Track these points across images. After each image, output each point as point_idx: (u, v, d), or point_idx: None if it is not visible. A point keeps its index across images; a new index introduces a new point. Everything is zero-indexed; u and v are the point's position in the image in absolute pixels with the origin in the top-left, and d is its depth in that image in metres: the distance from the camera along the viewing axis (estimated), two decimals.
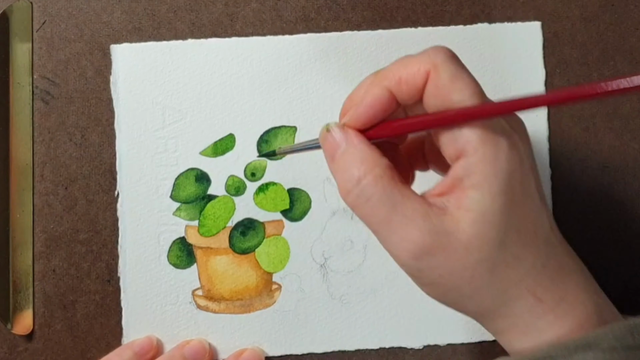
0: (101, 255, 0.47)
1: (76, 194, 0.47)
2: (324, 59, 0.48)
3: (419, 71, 0.34)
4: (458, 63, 0.35)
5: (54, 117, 0.47)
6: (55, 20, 0.48)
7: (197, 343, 0.46)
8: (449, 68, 0.34)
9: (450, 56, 0.35)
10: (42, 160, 0.47)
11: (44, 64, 0.47)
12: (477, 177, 0.33)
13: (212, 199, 0.47)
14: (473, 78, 0.34)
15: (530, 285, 0.35)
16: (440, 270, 0.34)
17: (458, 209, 0.34)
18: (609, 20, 0.49)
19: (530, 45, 0.48)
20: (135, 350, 0.45)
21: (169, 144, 0.47)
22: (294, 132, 0.47)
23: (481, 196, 0.33)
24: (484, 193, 0.33)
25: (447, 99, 0.34)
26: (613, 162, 0.49)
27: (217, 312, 0.47)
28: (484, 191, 0.33)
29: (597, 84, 0.30)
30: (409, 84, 0.35)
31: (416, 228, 0.34)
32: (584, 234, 0.48)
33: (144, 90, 0.47)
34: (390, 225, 0.34)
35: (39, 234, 0.47)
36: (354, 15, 0.48)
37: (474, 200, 0.33)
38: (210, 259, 0.47)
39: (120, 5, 0.48)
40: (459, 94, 0.33)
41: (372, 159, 0.35)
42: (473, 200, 0.33)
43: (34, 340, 0.46)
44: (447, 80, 0.34)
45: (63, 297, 0.47)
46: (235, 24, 0.48)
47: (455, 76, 0.34)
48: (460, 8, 0.49)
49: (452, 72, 0.34)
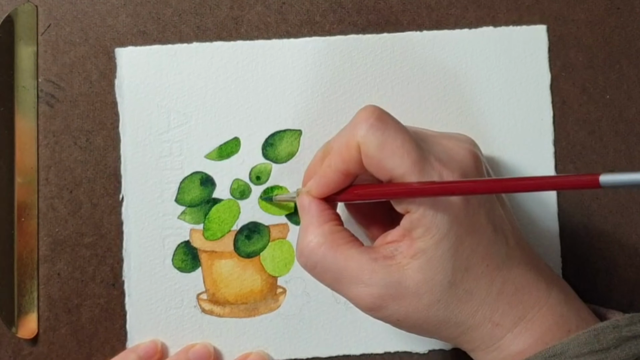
0: (106, 259, 0.47)
1: (81, 198, 0.47)
2: (329, 63, 0.48)
3: (352, 148, 0.37)
4: (383, 126, 0.36)
5: (59, 120, 0.47)
6: (60, 23, 0.48)
7: (201, 347, 0.46)
8: (373, 138, 0.36)
9: (372, 124, 0.36)
10: (46, 164, 0.47)
11: (49, 67, 0.47)
12: (420, 230, 0.36)
13: (217, 202, 0.47)
14: (400, 136, 0.36)
15: (487, 313, 0.37)
16: (397, 316, 0.37)
17: (406, 257, 0.37)
18: (614, 23, 0.49)
19: (535, 49, 0.48)
20: (140, 355, 0.45)
21: (174, 147, 0.47)
22: (298, 136, 0.47)
23: (425, 245, 0.36)
24: (428, 242, 0.36)
25: (381, 167, 0.36)
26: (619, 166, 0.48)
27: (222, 316, 0.47)
28: (427, 240, 0.36)
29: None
30: (350, 162, 0.37)
31: (364, 286, 0.37)
32: (590, 239, 0.48)
33: (149, 94, 0.47)
34: (341, 286, 0.38)
35: (43, 238, 0.47)
36: (358, 19, 0.48)
37: (419, 249, 0.36)
38: (215, 262, 0.47)
39: (125, 9, 0.48)
40: (389, 162, 0.36)
41: (315, 226, 0.39)
42: (419, 248, 0.36)
43: (38, 344, 0.46)
44: (374, 151, 0.36)
45: (68, 300, 0.47)
46: (240, 28, 0.48)
47: (380, 145, 0.36)
48: (465, 11, 0.48)
49: (377, 142, 0.36)
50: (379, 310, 0.37)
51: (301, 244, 0.39)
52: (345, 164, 0.38)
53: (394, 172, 0.36)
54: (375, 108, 0.37)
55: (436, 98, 0.48)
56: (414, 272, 0.36)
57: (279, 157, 0.47)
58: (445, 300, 0.37)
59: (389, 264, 0.37)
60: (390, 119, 0.37)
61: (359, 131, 0.37)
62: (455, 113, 0.48)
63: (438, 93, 0.48)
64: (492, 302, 0.37)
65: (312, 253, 0.38)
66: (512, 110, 0.48)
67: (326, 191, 0.39)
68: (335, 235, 0.38)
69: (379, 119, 0.37)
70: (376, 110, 0.37)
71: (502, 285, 0.38)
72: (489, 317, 0.37)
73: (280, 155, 0.47)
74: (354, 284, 0.37)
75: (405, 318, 0.37)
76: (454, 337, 0.38)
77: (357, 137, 0.37)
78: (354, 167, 0.38)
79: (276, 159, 0.47)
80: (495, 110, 0.48)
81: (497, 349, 0.38)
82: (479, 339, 0.38)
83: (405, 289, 0.36)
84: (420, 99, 0.48)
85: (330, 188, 0.39)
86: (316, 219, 0.39)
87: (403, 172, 0.36)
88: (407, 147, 0.36)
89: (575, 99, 0.48)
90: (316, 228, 0.38)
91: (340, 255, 0.38)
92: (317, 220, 0.39)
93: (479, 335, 0.38)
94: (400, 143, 0.36)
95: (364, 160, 0.37)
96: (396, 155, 0.36)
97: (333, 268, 0.38)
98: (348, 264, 0.37)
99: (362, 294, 0.37)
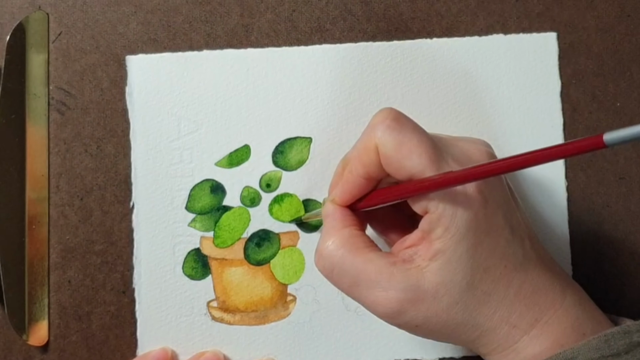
0: (116, 267, 0.47)
1: (91, 205, 0.47)
2: (339, 70, 0.48)
3: (371, 150, 0.37)
4: (399, 127, 0.37)
5: (70, 128, 0.47)
6: (71, 31, 0.48)
7: (212, 355, 0.46)
8: (390, 139, 0.36)
9: (388, 125, 0.37)
10: (57, 171, 0.47)
11: (60, 75, 0.48)
12: (439, 230, 0.36)
13: (227, 210, 0.47)
14: (417, 135, 0.37)
15: (504, 315, 0.37)
16: (415, 322, 0.37)
17: (425, 259, 0.37)
18: (624, 30, 0.49)
19: (546, 56, 0.48)
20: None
21: (184, 155, 0.47)
22: (309, 143, 0.47)
23: (444, 245, 0.36)
24: (447, 243, 0.36)
25: (400, 168, 0.36)
26: (629, 174, 0.48)
27: (232, 324, 0.47)
28: (446, 241, 0.36)
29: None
30: (370, 165, 0.38)
31: (382, 290, 0.37)
32: (600, 245, 0.48)
33: (160, 101, 0.47)
34: (358, 291, 0.38)
35: (54, 245, 0.47)
36: (368, 26, 0.48)
37: (438, 250, 0.36)
38: (225, 270, 0.47)
39: (135, 17, 0.48)
40: (407, 161, 0.36)
41: (336, 229, 0.39)
42: (437, 250, 0.36)
43: (49, 352, 0.46)
44: (392, 151, 0.36)
45: (78, 308, 0.47)
46: (250, 35, 0.48)
47: (398, 145, 0.36)
48: (475, 19, 0.48)
49: (394, 142, 0.36)
50: (398, 316, 0.37)
51: (320, 247, 0.39)
52: (365, 168, 0.38)
53: (413, 171, 0.36)
54: (391, 110, 0.38)
55: (446, 105, 0.48)
56: (433, 275, 0.36)
57: (289, 165, 0.47)
58: (463, 302, 0.37)
59: (408, 268, 0.37)
60: (407, 119, 0.37)
61: (376, 133, 0.37)
62: (465, 120, 0.47)
63: (448, 100, 0.48)
64: (510, 304, 0.37)
65: (331, 255, 0.38)
66: (523, 117, 0.48)
67: (349, 198, 0.39)
68: (355, 239, 0.38)
69: (395, 119, 0.37)
70: (392, 112, 0.37)
71: (519, 287, 0.38)
72: (506, 319, 0.37)
73: (290, 163, 0.47)
74: (371, 289, 0.37)
75: (423, 322, 0.37)
76: (471, 341, 0.38)
77: (374, 139, 0.37)
78: (374, 171, 0.38)
79: (286, 167, 0.47)
80: (506, 117, 0.48)
81: (513, 351, 0.38)
82: (496, 342, 0.38)
83: (423, 293, 0.36)
84: (430, 107, 0.48)
85: (353, 194, 0.39)
86: (337, 223, 0.39)
87: (421, 169, 0.36)
88: (424, 146, 0.36)
89: (585, 107, 0.48)
90: (337, 231, 0.39)
91: (358, 259, 0.37)
92: (339, 224, 0.39)
93: (495, 337, 0.38)
94: (417, 142, 0.36)
95: (382, 161, 0.37)
96: (414, 154, 0.36)
97: (351, 271, 0.37)
98: (366, 267, 0.37)
99: (380, 298, 0.37)
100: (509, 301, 0.37)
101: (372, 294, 0.37)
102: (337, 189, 0.40)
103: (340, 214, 0.39)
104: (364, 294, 0.37)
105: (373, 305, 0.37)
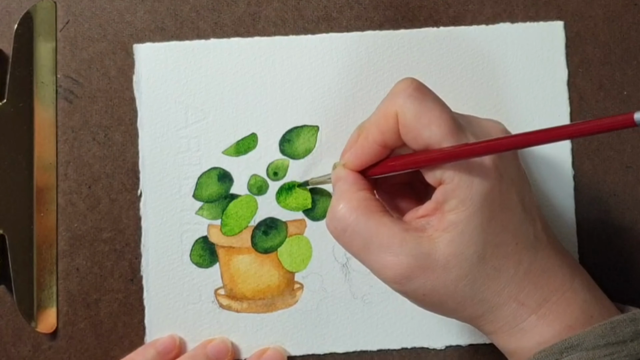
0: (124, 254, 0.47)
1: (99, 193, 0.47)
2: (346, 59, 0.48)
3: (390, 117, 0.37)
4: (421, 96, 0.37)
5: (78, 116, 0.47)
6: (79, 19, 0.48)
7: (219, 342, 0.46)
8: (411, 107, 0.36)
9: (410, 94, 0.37)
10: (65, 160, 0.47)
11: (68, 64, 0.48)
12: (454, 202, 0.36)
13: (234, 198, 0.47)
14: (438, 106, 0.36)
15: (513, 292, 0.37)
16: (422, 290, 0.37)
17: (437, 230, 0.36)
18: (632, 19, 0.49)
19: (552, 45, 0.48)
20: (159, 350, 0.45)
21: (192, 143, 0.47)
22: (316, 132, 0.47)
23: (458, 218, 0.36)
24: (460, 215, 0.36)
25: (417, 136, 0.36)
26: (636, 163, 0.48)
27: (240, 312, 0.47)
28: (460, 213, 0.36)
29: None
30: (387, 132, 0.37)
31: (393, 255, 0.36)
32: (607, 234, 0.48)
33: (167, 90, 0.47)
34: (368, 254, 0.37)
35: (62, 233, 0.47)
36: (375, 15, 0.48)
37: (451, 222, 0.36)
38: (233, 258, 0.47)
39: (143, 5, 0.48)
40: (426, 131, 0.36)
41: (351, 192, 0.38)
42: (451, 221, 0.36)
43: (58, 339, 0.47)
44: (412, 119, 0.36)
45: (87, 295, 0.47)
46: (257, 24, 0.48)
47: (418, 114, 0.36)
48: (482, 7, 0.48)
49: (415, 111, 0.36)
50: (406, 282, 0.37)
51: (333, 209, 0.38)
52: (382, 135, 0.38)
53: (430, 141, 0.36)
54: (413, 80, 0.37)
55: (453, 94, 0.48)
56: (445, 246, 0.36)
57: (296, 153, 0.47)
58: (473, 276, 0.36)
59: (420, 235, 0.36)
60: (428, 90, 0.37)
61: (397, 100, 0.37)
62: (472, 109, 0.48)
63: (455, 89, 0.48)
64: (519, 282, 0.37)
65: (345, 217, 0.38)
66: (530, 106, 0.48)
67: (362, 163, 0.39)
68: (369, 202, 0.38)
69: (417, 89, 0.37)
70: (414, 82, 0.37)
71: (529, 265, 0.37)
72: (514, 296, 0.37)
73: (297, 151, 0.47)
74: (382, 252, 0.37)
75: (431, 292, 0.37)
76: (477, 317, 0.38)
77: (395, 106, 0.37)
78: (391, 138, 0.37)
79: (293, 155, 0.47)
80: (513, 106, 0.48)
81: (520, 331, 0.37)
82: (502, 319, 0.37)
83: (434, 262, 0.36)
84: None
85: (366, 160, 0.39)
86: (351, 186, 0.39)
87: (439, 140, 0.36)
88: (445, 117, 0.36)
89: (592, 96, 0.48)
90: (351, 194, 0.38)
91: (372, 221, 0.37)
92: (352, 187, 0.39)
93: (502, 314, 0.37)
94: (438, 113, 0.36)
95: (401, 129, 0.37)
96: (433, 124, 0.36)
97: (364, 233, 0.37)
98: (380, 230, 0.37)
99: (390, 263, 0.36)
100: (518, 279, 0.37)
101: (383, 258, 0.37)
102: (350, 153, 0.39)
103: (353, 178, 0.39)
104: (374, 257, 0.37)
105: (383, 269, 0.37)
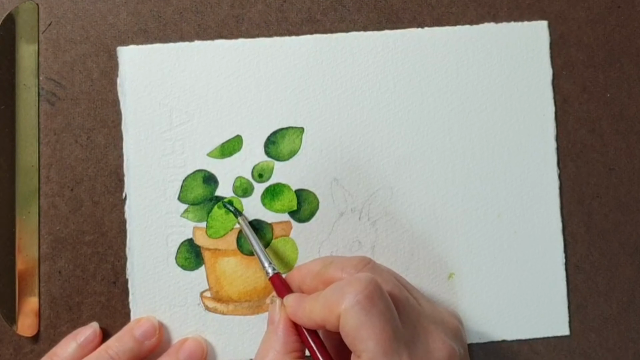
0: (107, 257, 0.47)
1: (82, 196, 0.47)
2: (330, 60, 0.48)
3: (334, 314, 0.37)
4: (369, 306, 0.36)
5: (60, 118, 0.47)
6: (61, 21, 0.48)
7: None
8: (354, 316, 0.36)
9: (359, 300, 0.36)
10: (47, 162, 0.47)
11: (50, 66, 0.47)
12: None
13: (219, 200, 0.47)
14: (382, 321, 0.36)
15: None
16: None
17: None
18: (615, 22, 0.49)
19: (537, 45, 0.48)
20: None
21: (176, 145, 0.47)
22: (301, 133, 0.47)
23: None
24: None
25: (353, 344, 0.36)
26: (619, 164, 0.49)
27: (226, 314, 0.46)
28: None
29: None
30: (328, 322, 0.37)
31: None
32: (591, 235, 0.48)
33: (151, 92, 0.47)
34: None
35: (44, 236, 0.46)
36: (359, 17, 0.48)
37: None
38: (219, 260, 0.46)
39: (126, 7, 0.48)
40: (362, 344, 0.36)
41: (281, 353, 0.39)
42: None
43: (39, 342, 0.46)
44: (352, 329, 0.36)
45: (69, 298, 0.46)
46: (241, 26, 0.48)
47: (359, 326, 0.36)
48: (466, 9, 0.49)
49: (357, 322, 0.36)
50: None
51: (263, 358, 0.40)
52: (324, 322, 0.38)
53: (363, 355, 0.36)
54: (369, 283, 0.37)
55: (438, 95, 0.48)
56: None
57: (281, 155, 0.47)
58: None
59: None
60: (380, 299, 0.37)
61: (344, 302, 0.37)
62: (456, 110, 0.48)
63: (439, 90, 0.48)
64: None
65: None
66: (514, 106, 0.48)
67: (298, 323, 0.40)
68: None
69: (367, 297, 0.36)
70: (369, 286, 0.37)
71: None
72: None
73: (282, 153, 0.47)
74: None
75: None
76: None
77: (340, 307, 0.37)
78: (331, 327, 0.38)
79: (278, 157, 0.47)
80: (497, 106, 0.48)
81: None
82: None
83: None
84: (421, 96, 0.48)
85: (303, 323, 0.40)
86: (280, 346, 0.40)
87: (371, 357, 0.36)
88: (384, 337, 0.36)
89: (575, 98, 0.49)
90: (281, 356, 0.39)
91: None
92: (282, 347, 0.40)
93: None
94: (379, 330, 0.36)
95: (340, 330, 0.37)
96: (371, 340, 0.36)
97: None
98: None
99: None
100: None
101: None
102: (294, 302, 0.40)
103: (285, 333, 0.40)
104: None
105: None
